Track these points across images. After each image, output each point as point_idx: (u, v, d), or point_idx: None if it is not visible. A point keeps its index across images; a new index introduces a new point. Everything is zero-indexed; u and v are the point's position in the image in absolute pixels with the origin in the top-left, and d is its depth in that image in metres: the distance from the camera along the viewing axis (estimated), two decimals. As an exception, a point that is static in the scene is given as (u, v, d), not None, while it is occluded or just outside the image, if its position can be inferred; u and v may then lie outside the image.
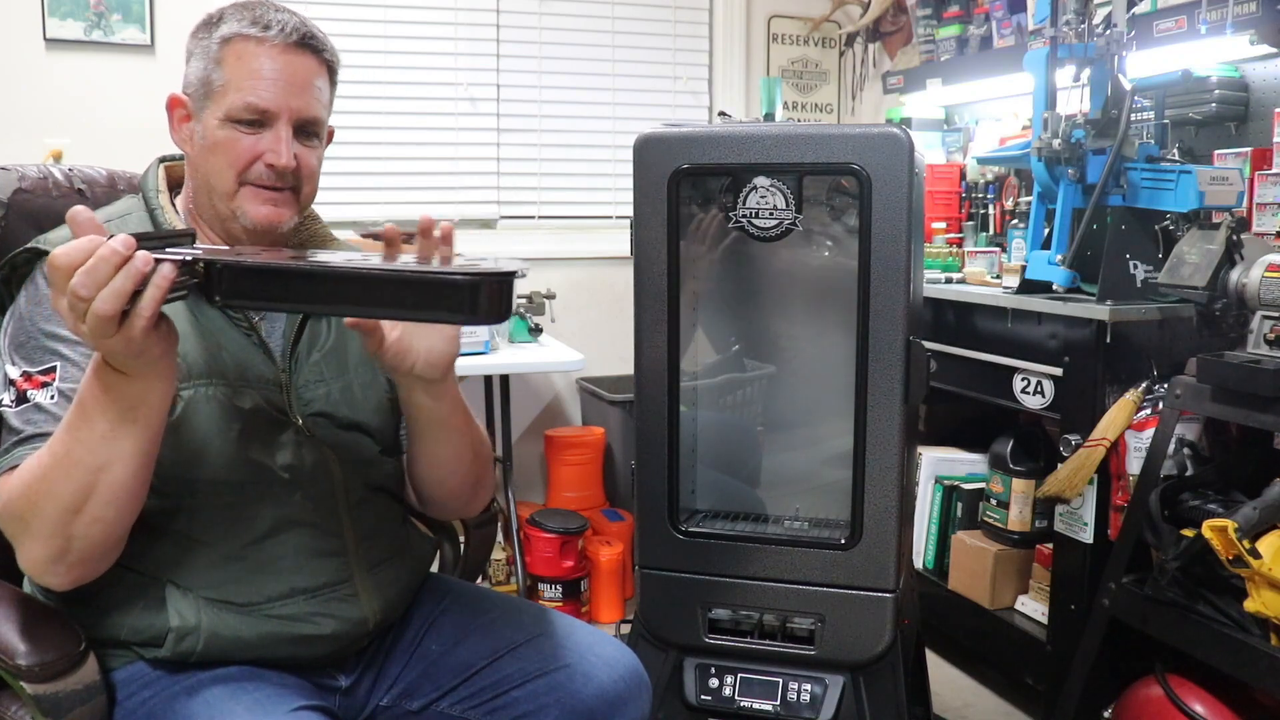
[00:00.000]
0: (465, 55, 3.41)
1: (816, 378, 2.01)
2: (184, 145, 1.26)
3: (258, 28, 1.21)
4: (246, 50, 1.21)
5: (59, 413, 1.09)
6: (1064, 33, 2.23)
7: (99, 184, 1.44)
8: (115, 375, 1.01)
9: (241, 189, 1.23)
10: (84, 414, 1.03)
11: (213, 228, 1.27)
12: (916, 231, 1.77)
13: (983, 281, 2.55)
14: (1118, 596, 1.94)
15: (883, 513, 1.74)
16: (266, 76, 1.21)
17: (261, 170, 1.22)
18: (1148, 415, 1.99)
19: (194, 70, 1.24)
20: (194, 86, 1.24)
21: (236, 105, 1.21)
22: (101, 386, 1.01)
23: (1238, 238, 1.84)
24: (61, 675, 1.08)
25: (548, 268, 3.39)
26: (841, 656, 1.78)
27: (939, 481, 2.65)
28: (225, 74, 1.21)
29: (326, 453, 1.26)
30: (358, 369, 1.32)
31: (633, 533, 1.94)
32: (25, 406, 1.12)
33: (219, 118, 1.21)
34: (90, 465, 1.03)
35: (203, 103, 1.23)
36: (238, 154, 1.21)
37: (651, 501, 1.85)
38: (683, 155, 1.76)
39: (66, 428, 1.04)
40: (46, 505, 1.04)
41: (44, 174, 1.40)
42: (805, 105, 3.81)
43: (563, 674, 1.29)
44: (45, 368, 1.13)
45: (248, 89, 1.20)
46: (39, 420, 1.11)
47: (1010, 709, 2.48)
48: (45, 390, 1.12)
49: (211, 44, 1.22)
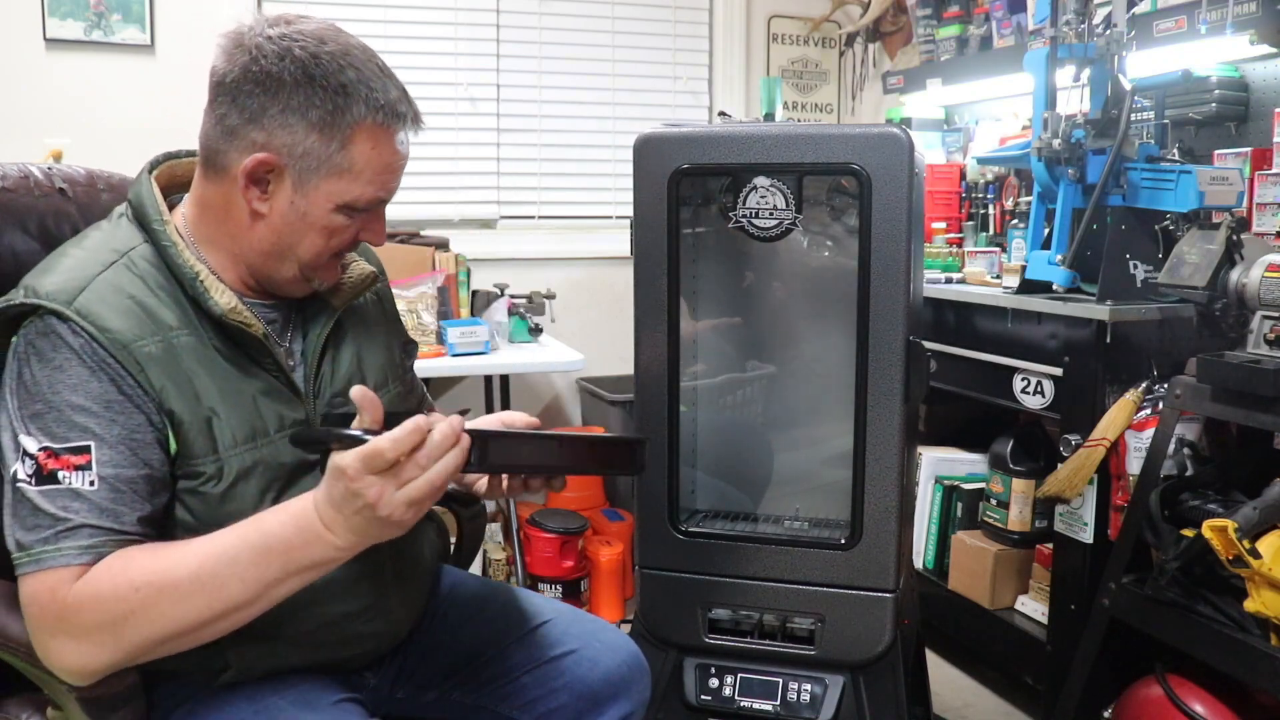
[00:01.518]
0: (465, 55, 3.41)
1: (816, 378, 2.01)
2: (258, 204, 1.12)
3: (390, 116, 1.12)
4: (382, 145, 1.13)
5: (103, 503, 1.02)
6: (1064, 33, 2.23)
7: (79, 183, 1.42)
8: (328, 534, 1.00)
9: (327, 261, 1.19)
10: (263, 551, 1.00)
11: (235, 266, 1.17)
12: (916, 231, 1.77)
13: (983, 281, 2.55)
14: (1118, 596, 1.94)
15: (883, 513, 1.74)
16: (397, 172, 1.16)
17: (354, 246, 1.20)
18: (1148, 415, 1.99)
19: (298, 135, 1.09)
20: (299, 153, 1.10)
21: (365, 199, 1.14)
22: (303, 538, 1.00)
23: (1238, 238, 1.84)
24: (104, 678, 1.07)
25: (548, 268, 3.39)
26: (841, 656, 1.78)
27: (939, 481, 2.65)
28: (350, 159, 1.11)
29: None
30: (377, 390, 1.27)
31: (633, 533, 1.94)
32: (56, 489, 1.01)
33: (337, 203, 1.13)
34: (233, 600, 1.01)
35: (310, 175, 1.11)
36: (345, 238, 1.17)
37: (651, 501, 1.85)
38: (683, 155, 1.76)
39: (226, 554, 1.00)
40: (154, 621, 0.99)
41: (24, 173, 1.38)
42: (805, 105, 3.81)
43: (570, 659, 1.32)
44: (75, 446, 1.03)
45: (379, 185, 1.15)
46: (78, 509, 1.01)
47: (1010, 709, 2.48)
48: (81, 474, 1.02)
49: (338, 121, 1.10)
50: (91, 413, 1.04)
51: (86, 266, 1.10)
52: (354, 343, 1.28)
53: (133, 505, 1.04)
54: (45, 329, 1.06)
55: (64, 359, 1.05)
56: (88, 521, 1.01)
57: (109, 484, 1.03)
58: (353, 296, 1.27)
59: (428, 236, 3.00)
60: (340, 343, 1.27)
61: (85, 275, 1.09)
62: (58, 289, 1.07)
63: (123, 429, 1.05)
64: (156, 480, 1.07)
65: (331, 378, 1.24)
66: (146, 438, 1.06)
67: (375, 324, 1.34)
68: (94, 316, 1.06)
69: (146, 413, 1.07)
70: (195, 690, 1.16)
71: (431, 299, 2.75)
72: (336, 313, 1.25)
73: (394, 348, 1.36)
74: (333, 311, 1.25)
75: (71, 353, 1.05)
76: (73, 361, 1.05)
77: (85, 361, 1.05)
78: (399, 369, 1.37)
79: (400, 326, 1.43)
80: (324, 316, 1.24)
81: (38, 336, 1.06)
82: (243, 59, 1.09)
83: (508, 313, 2.93)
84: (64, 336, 1.05)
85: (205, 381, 1.11)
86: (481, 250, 3.26)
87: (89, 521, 1.01)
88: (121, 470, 1.04)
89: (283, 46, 1.09)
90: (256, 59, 1.09)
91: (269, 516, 1.04)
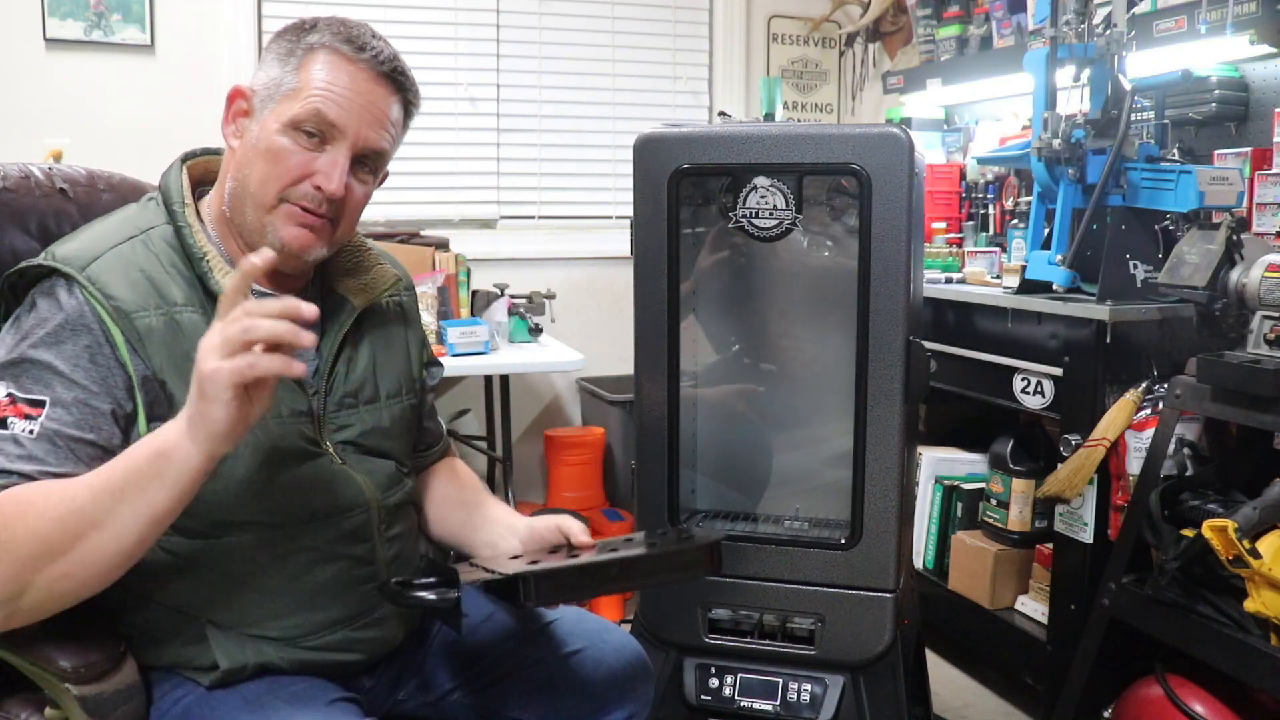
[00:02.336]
0: (465, 55, 3.41)
1: (816, 378, 2.01)
2: (232, 139, 1.19)
3: (351, 47, 1.16)
4: (332, 63, 1.16)
5: (35, 451, 1.04)
6: (1064, 33, 2.23)
7: (79, 183, 1.42)
8: (178, 436, 0.98)
9: (280, 205, 1.16)
10: (110, 467, 1.00)
11: (244, 238, 1.19)
12: (916, 231, 1.77)
13: (983, 281, 2.55)
14: (1118, 596, 1.94)
15: (883, 513, 1.74)
16: (344, 93, 1.15)
17: (307, 191, 1.16)
18: (1148, 415, 1.99)
19: (268, 70, 1.18)
20: (262, 84, 1.17)
21: (304, 112, 1.14)
22: (153, 445, 0.99)
23: (1238, 238, 1.84)
24: (104, 676, 1.08)
25: (548, 268, 3.40)
26: (841, 656, 1.78)
27: (939, 481, 2.65)
28: (301, 79, 1.15)
29: (359, 482, 1.23)
30: (390, 398, 1.30)
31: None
32: (3, 434, 1.04)
33: (282, 121, 1.14)
34: (90, 517, 0.99)
35: (267, 102, 1.16)
36: (288, 167, 1.15)
37: (651, 501, 1.85)
38: (683, 155, 1.76)
39: (85, 479, 1.00)
40: (22, 542, 0.98)
41: (25, 173, 1.39)
42: (805, 105, 3.81)
43: (575, 659, 1.31)
44: (34, 398, 1.06)
45: (320, 98, 1.14)
46: (11, 454, 1.04)
47: (1010, 709, 2.48)
48: (27, 423, 1.05)
49: (297, 47, 1.16)
50: (57, 372, 1.08)
51: (106, 238, 1.15)
52: (372, 346, 1.29)
53: (62, 461, 1.05)
54: (49, 289, 1.11)
55: (53, 318, 1.09)
56: (9, 466, 1.03)
57: (48, 437, 1.05)
58: (374, 297, 1.29)
59: (428, 236, 3.01)
60: (359, 343, 1.28)
61: (102, 245, 1.14)
62: (74, 254, 1.12)
63: (82, 393, 1.08)
64: (100, 448, 1.08)
65: (345, 376, 1.25)
66: (102, 407, 1.08)
67: (395, 332, 1.34)
68: (101, 283, 1.10)
69: (114, 387, 1.09)
70: (191, 689, 1.16)
71: (431, 299, 2.76)
72: (356, 311, 1.26)
73: (413, 360, 1.36)
74: (352, 310, 1.26)
75: (61, 314, 1.09)
76: (59, 321, 1.09)
77: (69, 324, 1.09)
78: (415, 382, 1.36)
79: (425, 342, 1.43)
80: (344, 315, 1.26)
81: (41, 295, 1.11)
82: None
83: (508, 313, 2.93)
84: (60, 298, 1.10)
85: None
86: (481, 250, 3.26)
87: (10, 466, 1.03)
88: (63, 428, 1.06)
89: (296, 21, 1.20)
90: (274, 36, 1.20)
91: (145, 441, 1.02)
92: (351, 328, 1.26)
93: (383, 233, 2.93)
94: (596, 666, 1.31)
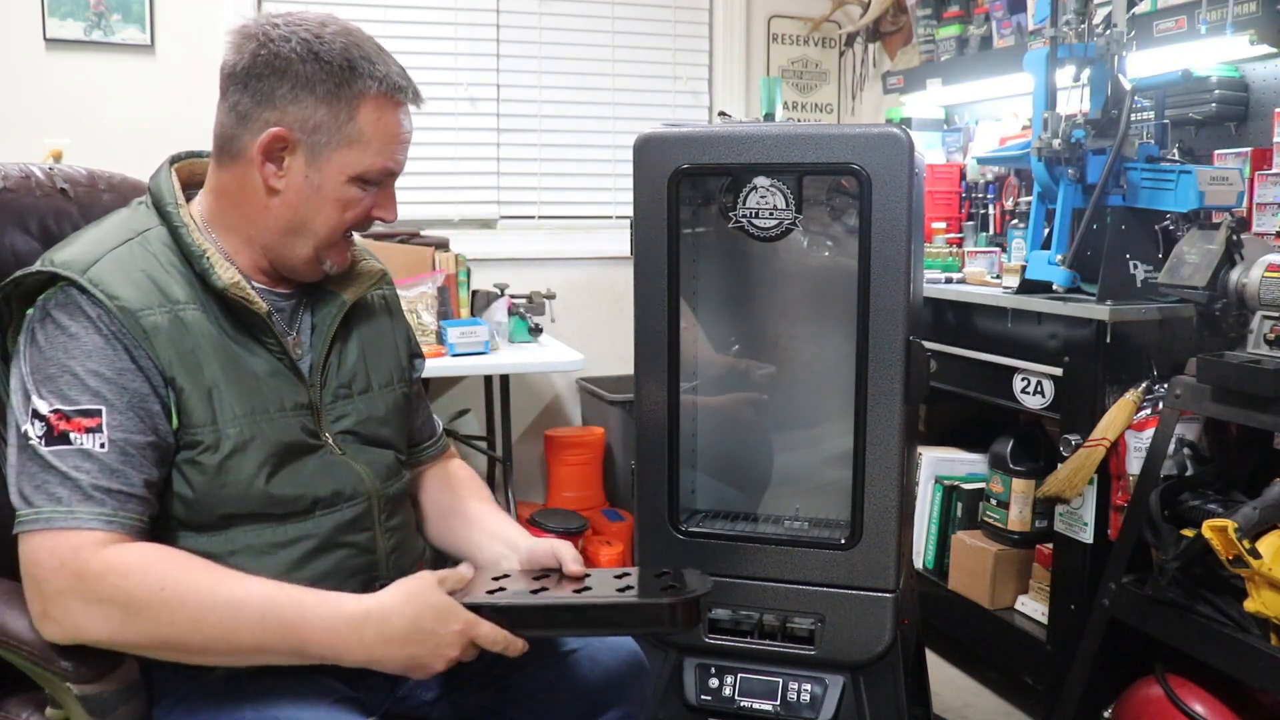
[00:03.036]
0: (465, 55, 3.41)
1: (816, 378, 2.01)
2: (274, 180, 1.17)
3: (399, 92, 1.19)
4: (387, 115, 1.18)
5: (113, 464, 1.07)
6: (1064, 33, 2.23)
7: (80, 183, 1.43)
8: (354, 645, 1.07)
9: (339, 240, 1.23)
10: (286, 623, 1.05)
11: (249, 249, 1.22)
12: (916, 231, 1.77)
13: (983, 281, 2.55)
14: (1118, 596, 1.94)
15: (883, 513, 1.74)
16: (402, 141, 1.21)
17: (365, 222, 1.24)
18: (1148, 415, 1.99)
19: (304, 105, 1.15)
20: (300, 121, 1.15)
21: (375, 172, 1.19)
22: (329, 634, 1.06)
23: (1238, 238, 1.84)
24: (105, 675, 1.08)
25: (548, 268, 3.40)
26: (841, 656, 1.78)
27: (939, 481, 2.65)
28: (358, 129, 1.17)
29: (359, 471, 1.26)
30: (382, 387, 1.33)
31: (633, 533, 1.93)
32: (66, 449, 1.06)
33: (349, 174, 1.18)
34: (233, 646, 1.05)
35: (322, 148, 1.16)
36: (358, 212, 1.21)
37: (651, 501, 1.85)
38: (683, 155, 1.76)
39: (252, 603, 1.05)
40: (162, 624, 1.04)
41: (25, 173, 1.39)
42: (805, 105, 3.81)
43: (571, 658, 1.32)
44: (86, 409, 1.07)
45: (388, 155, 1.20)
46: (90, 470, 1.06)
47: (1010, 709, 2.48)
48: (92, 436, 1.06)
49: (341, 91, 1.16)
50: (104, 378, 1.09)
51: (102, 242, 1.16)
52: (360, 338, 1.32)
53: (140, 469, 1.08)
54: (65, 299, 1.11)
55: (80, 327, 1.09)
56: (98, 483, 1.05)
57: (119, 447, 1.07)
58: (363, 290, 1.32)
59: (428, 236, 3.01)
60: (348, 336, 1.31)
61: (100, 249, 1.14)
62: (73, 259, 1.12)
63: (133, 396, 1.09)
64: (162, 448, 1.11)
65: (338, 368, 1.28)
66: (153, 407, 1.11)
67: (382, 324, 1.38)
68: (104, 285, 1.11)
69: (154, 383, 1.11)
70: (192, 686, 1.16)
71: (431, 299, 2.76)
72: (347, 305, 1.29)
73: (400, 351, 1.39)
74: (343, 304, 1.29)
75: (88, 321, 1.10)
76: (89, 329, 1.10)
77: (100, 330, 1.10)
78: (404, 371, 1.39)
79: (410, 334, 1.45)
80: (334, 308, 1.29)
81: (55, 306, 1.11)
82: (250, 46, 1.16)
83: (508, 313, 2.93)
84: (82, 306, 1.10)
85: (209, 355, 1.15)
86: (481, 250, 3.26)
87: (99, 483, 1.05)
88: (130, 435, 1.08)
89: (288, 30, 1.15)
90: (264, 44, 1.15)
91: (309, 597, 1.08)
92: (341, 321, 1.29)
93: (383, 232, 2.93)
94: (593, 665, 1.32)
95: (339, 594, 1.09)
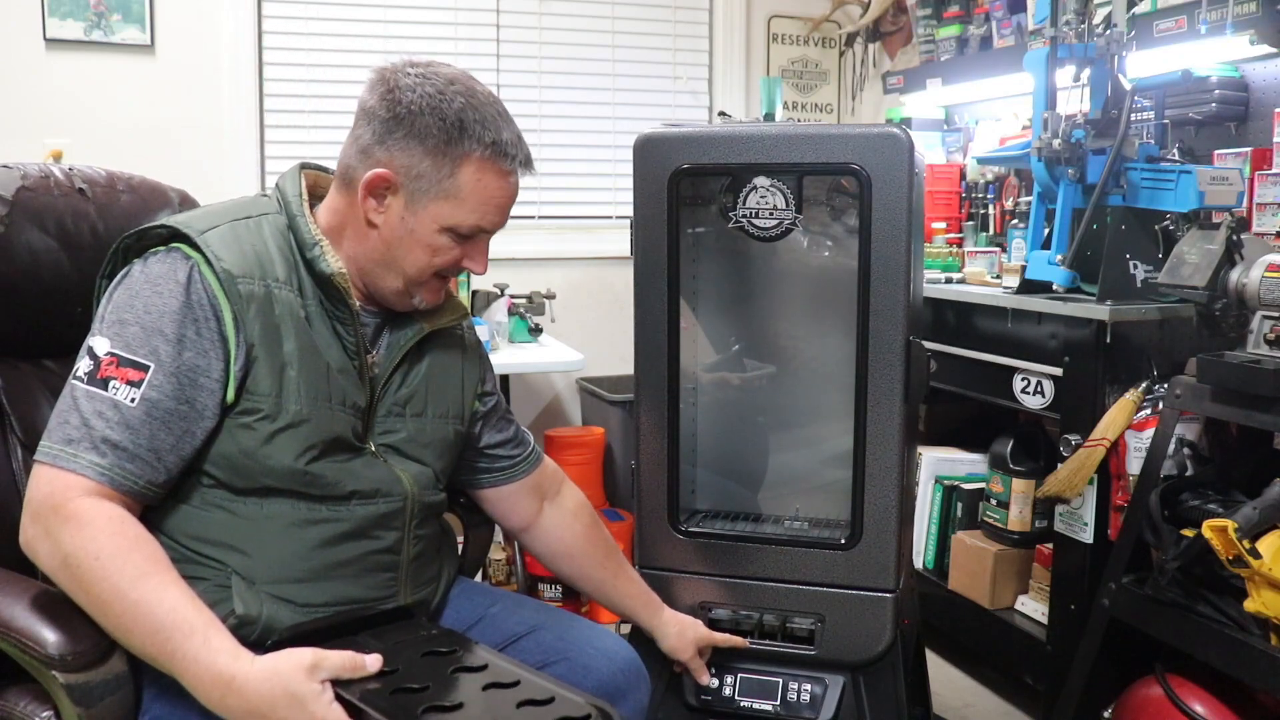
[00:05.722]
0: (465, 55, 3.40)
1: (816, 378, 2.01)
2: (374, 215, 1.25)
3: (504, 159, 1.24)
4: (488, 177, 1.24)
5: (132, 421, 1.11)
6: (1064, 33, 2.23)
7: (99, 184, 1.44)
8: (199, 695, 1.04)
9: (430, 279, 1.29)
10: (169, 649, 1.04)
11: (350, 266, 1.28)
12: (916, 231, 1.77)
13: (983, 281, 2.55)
14: (1118, 596, 1.94)
15: (883, 513, 1.74)
16: (501, 204, 1.27)
17: (455, 269, 1.30)
18: (1148, 415, 1.99)
19: (410, 154, 1.22)
20: (406, 169, 1.23)
21: (466, 227, 1.26)
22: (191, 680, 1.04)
23: (1238, 238, 1.84)
24: (93, 665, 1.09)
25: (548, 268, 3.39)
26: (841, 656, 1.78)
27: (939, 481, 2.65)
28: (457, 186, 1.23)
29: (399, 474, 1.30)
30: (437, 417, 1.36)
31: (633, 533, 1.93)
32: (101, 394, 1.11)
33: (441, 224, 1.25)
34: (121, 634, 1.07)
35: (420, 195, 1.23)
36: (446, 260, 1.27)
37: (651, 501, 1.85)
38: (683, 155, 1.76)
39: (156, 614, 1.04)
40: (85, 587, 1.06)
41: (45, 173, 1.41)
42: (805, 105, 3.81)
43: (562, 667, 1.31)
44: (138, 361, 1.13)
45: (481, 215, 1.26)
46: (110, 420, 1.10)
47: (1010, 709, 2.48)
48: (130, 389, 1.12)
49: (449, 150, 1.22)
50: (166, 337, 1.14)
51: (222, 215, 1.24)
52: (430, 366, 1.36)
53: (156, 432, 1.12)
54: (166, 257, 1.18)
55: (168, 286, 1.16)
56: (109, 435, 1.10)
57: (147, 405, 1.12)
58: (441, 322, 1.37)
59: (428, 236, 3.00)
60: (420, 359, 1.35)
61: (219, 219, 1.23)
62: (193, 220, 1.21)
63: (186, 364, 1.14)
64: (192, 419, 1.15)
65: (399, 386, 1.33)
66: (200, 380, 1.15)
67: (454, 358, 1.41)
68: (214, 248, 1.18)
69: (214, 360, 1.16)
70: None
71: (431, 299, 2.75)
72: (424, 331, 1.34)
73: (466, 389, 1.42)
74: (420, 329, 1.33)
75: (176, 283, 1.16)
76: (174, 289, 1.16)
77: (184, 294, 1.16)
78: (465, 409, 1.42)
79: (486, 376, 1.48)
80: (411, 331, 1.33)
81: (156, 260, 1.18)
82: (381, 89, 1.24)
83: (508, 313, 2.93)
84: (177, 269, 1.17)
85: (290, 332, 1.21)
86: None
87: (110, 435, 1.10)
88: (165, 399, 1.13)
89: (416, 81, 1.23)
90: (392, 89, 1.23)
91: (201, 638, 1.05)
92: (414, 346, 1.33)
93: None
94: (584, 675, 1.31)
95: (228, 645, 1.05)
